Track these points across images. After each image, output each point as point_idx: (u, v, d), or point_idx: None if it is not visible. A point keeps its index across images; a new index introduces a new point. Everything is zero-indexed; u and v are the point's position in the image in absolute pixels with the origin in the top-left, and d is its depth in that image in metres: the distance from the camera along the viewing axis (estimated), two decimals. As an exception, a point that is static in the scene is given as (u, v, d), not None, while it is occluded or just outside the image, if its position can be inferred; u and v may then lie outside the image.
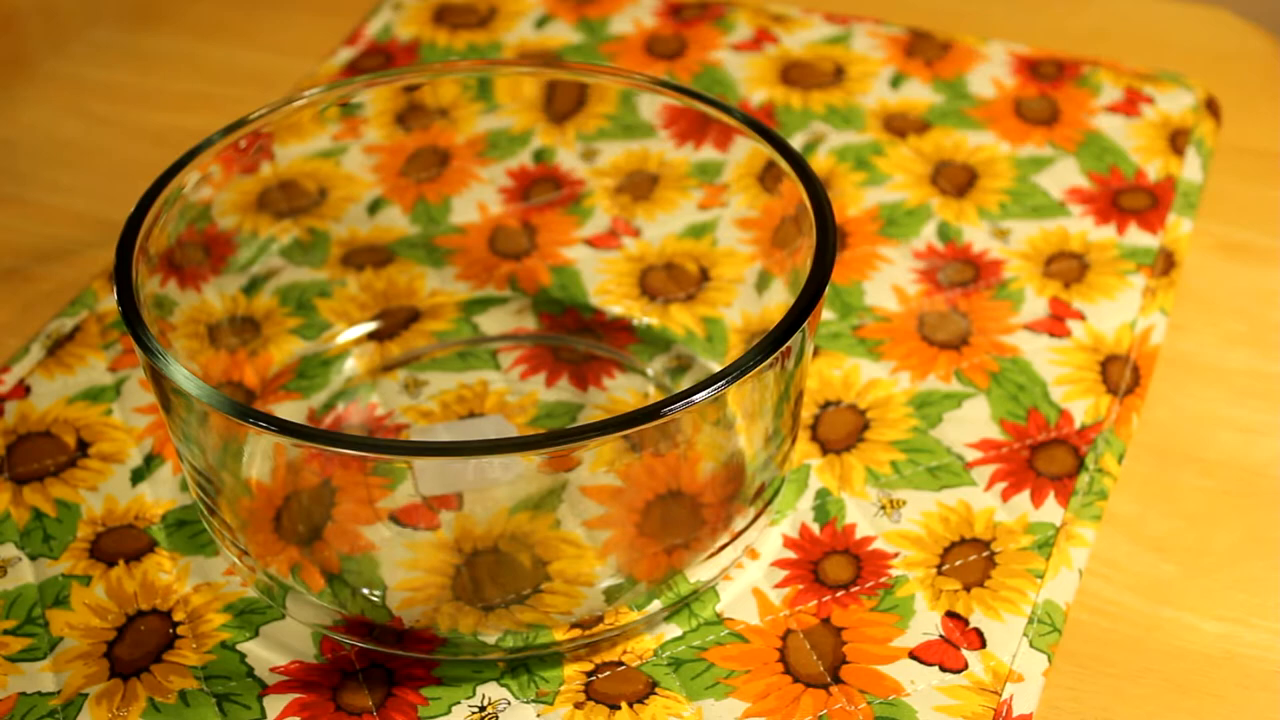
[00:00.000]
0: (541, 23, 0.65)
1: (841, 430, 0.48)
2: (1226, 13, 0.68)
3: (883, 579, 0.44)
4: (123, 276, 0.41)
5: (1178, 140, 0.58)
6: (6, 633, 0.43)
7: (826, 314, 0.51)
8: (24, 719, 0.41)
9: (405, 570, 0.42)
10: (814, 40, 0.63)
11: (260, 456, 0.43)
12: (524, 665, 0.42)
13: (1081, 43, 0.65)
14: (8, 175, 0.61)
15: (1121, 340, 0.50)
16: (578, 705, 0.41)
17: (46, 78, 0.65)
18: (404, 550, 0.43)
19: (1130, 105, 0.60)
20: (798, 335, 0.39)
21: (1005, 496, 0.46)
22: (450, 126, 0.54)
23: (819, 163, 0.57)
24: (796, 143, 0.58)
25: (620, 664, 0.42)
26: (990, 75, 0.61)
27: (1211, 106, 0.60)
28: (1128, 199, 0.55)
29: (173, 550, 0.45)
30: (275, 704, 0.41)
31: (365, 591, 0.42)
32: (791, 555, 0.44)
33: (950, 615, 0.42)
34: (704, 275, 0.52)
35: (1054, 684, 0.42)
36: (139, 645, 0.42)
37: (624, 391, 0.49)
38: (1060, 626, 0.42)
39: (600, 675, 0.42)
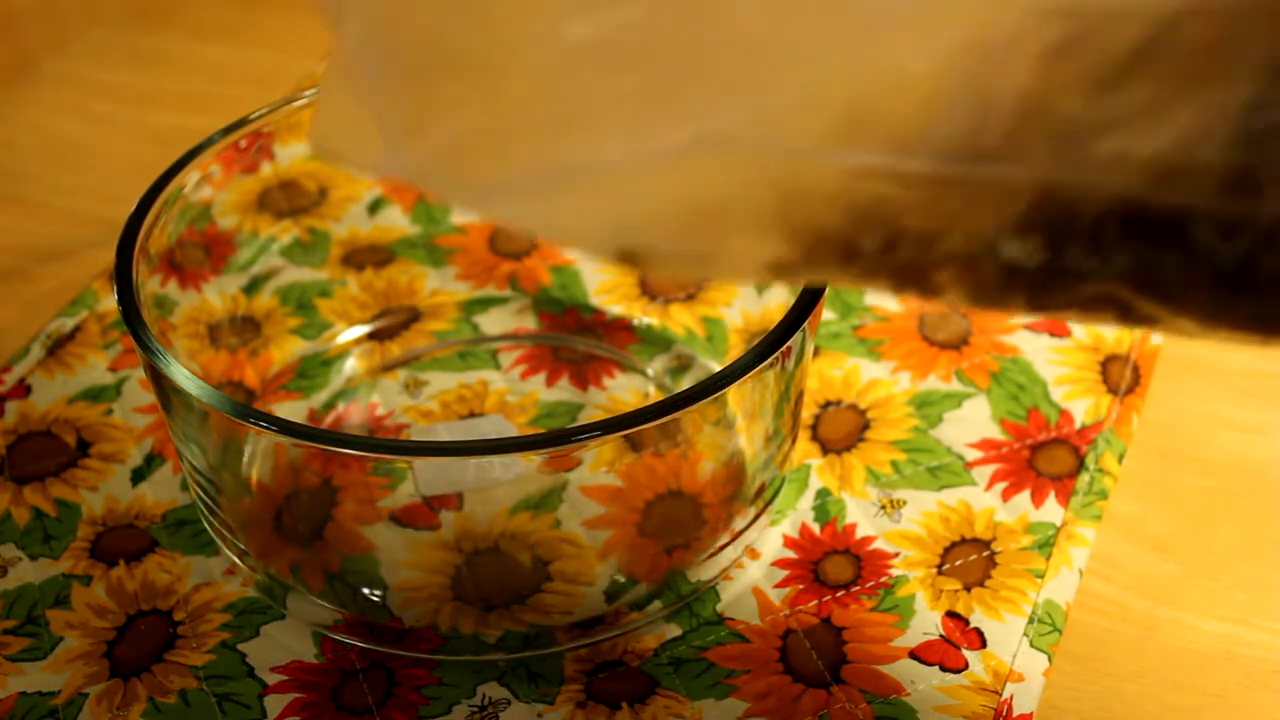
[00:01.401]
0: (541, 23, 0.64)
1: (842, 430, 0.48)
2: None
3: (883, 579, 0.44)
4: (123, 276, 0.41)
5: (1178, 140, 0.58)
6: (6, 633, 0.43)
7: (826, 314, 0.51)
8: (24, 719, 0.41)
9: (405, 570, 0.42)
10: (814, 40, 0.63)
11: (260, 456, 0.43)
12: (524, 665, 0.42)
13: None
14: (8, 175, 0.61)
15: (1122, 340, 0.50)
16: (578, 705, 0.41)
17: (46, 78, 0.65)
18: (404, 550, 0.43)
19: (1130, 105, 0.59)
20: (798, 335, 0.39)
21: (1005, 496, 0.46)
22: (450, 126, 0.54)
23: (819, 163, 0.57)
24: (796, 143, 0.58)
25: (620, 664, 0.42)
26: (990, 75, 0.61)
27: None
28: (1128, 199, 0.55)
29: (173, 550, 0.45)
30: (275, 704, 0.41)
31: (365, 591, 0.42)
32: (792, 555, 0.44)
33: (950, 615, 0.43)
34: (704, 275, 0.52)
35: (1054, 684, 0.42)
36: (139, 645, 0.42)
37: (624, 391, 0.49)
38: (1060, 626, 0.42)
39: (600, 675, 0.42)
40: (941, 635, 0.42)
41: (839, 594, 0.43)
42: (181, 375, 0.38)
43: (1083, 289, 0.27)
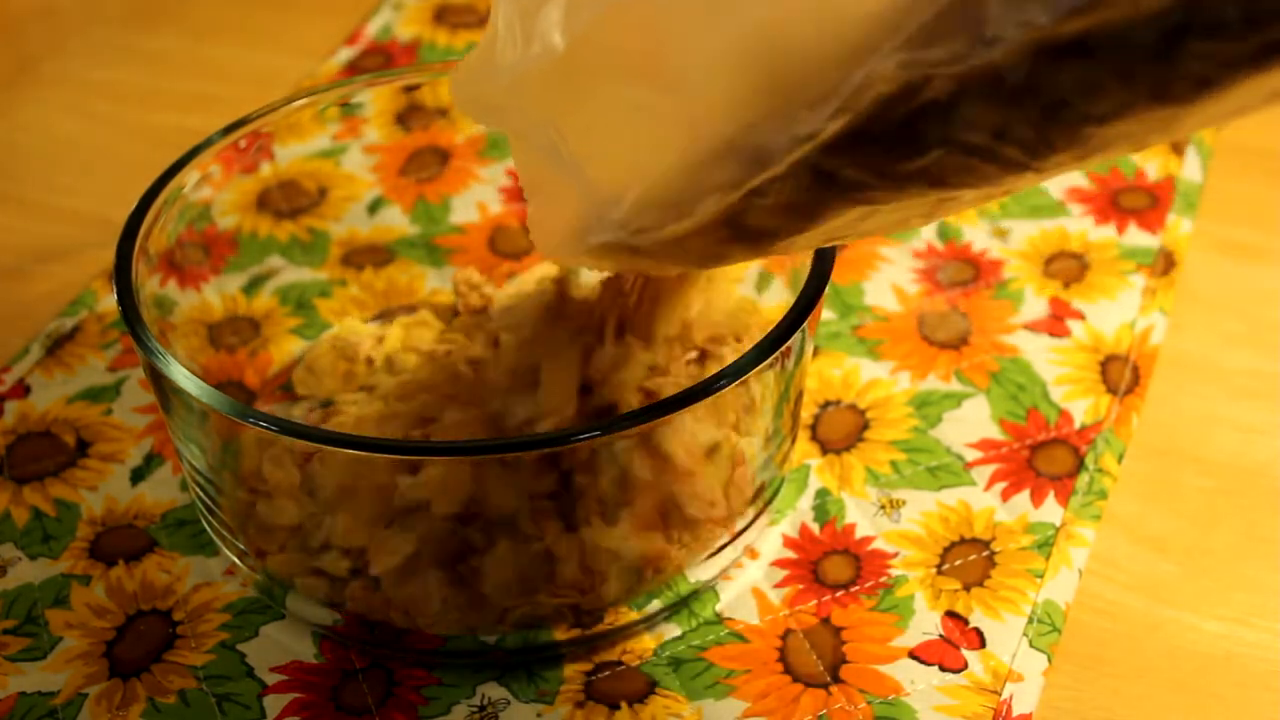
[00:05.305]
0: (541, 23, 0.64)
1: (841, 430, 0.48)
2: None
3: (882, 579, 0.44)
4: (123, 276, 0.41)
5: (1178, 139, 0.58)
6: (6, 633, 0.43)
7: (826, 314, 0.51)
8: (24, 719, 0.41)
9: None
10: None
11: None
12: (524, 665, 0.42)
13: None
14: (8, 175, 0.61)
15: (1121, 340, 0.50)
16: (578, 705, 0.41)
17: (46, 78, 0.65)
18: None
19: (1130, 105, 0.59)
20: (798, 335, 0.39)
21: (1005, 496, 0.46)
22: (450, 126, 0.54)
23: (819, 163, 0.57)
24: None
25: (620, 664, 0.42)
26: (990, 75, 0.61)
27: (1211, 106, 0.60)
28: (1127, 198, 0.55)
29: (173, 550, 0.45)
30: (275, 704, 0.41)
31: (365, 591, 0.42)
32: (791, 555, 0.44)
33: (950, 615, 0.42)
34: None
35: (1054, 684, 0.42)
36: (139, 645, 0.42)
37: (624, 391, 0.49)
38: (1060, 626, 0.42)
39: (600, 675, 0.42)
40: (941, 635, 0.42)
41: (838, 594, 0.43)
42: (181, 375, 0.38)
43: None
